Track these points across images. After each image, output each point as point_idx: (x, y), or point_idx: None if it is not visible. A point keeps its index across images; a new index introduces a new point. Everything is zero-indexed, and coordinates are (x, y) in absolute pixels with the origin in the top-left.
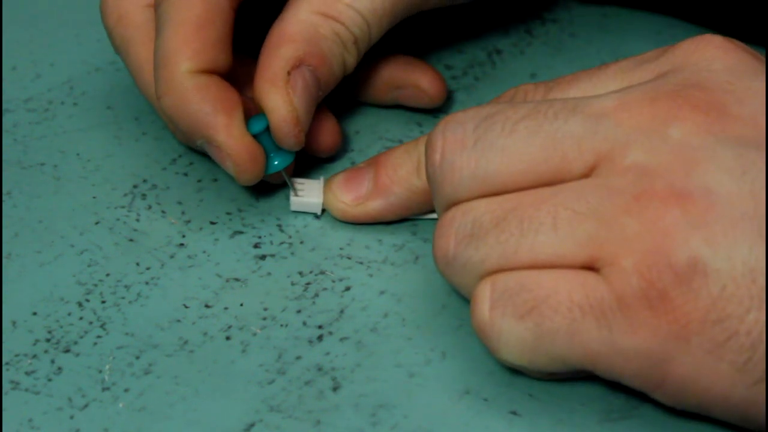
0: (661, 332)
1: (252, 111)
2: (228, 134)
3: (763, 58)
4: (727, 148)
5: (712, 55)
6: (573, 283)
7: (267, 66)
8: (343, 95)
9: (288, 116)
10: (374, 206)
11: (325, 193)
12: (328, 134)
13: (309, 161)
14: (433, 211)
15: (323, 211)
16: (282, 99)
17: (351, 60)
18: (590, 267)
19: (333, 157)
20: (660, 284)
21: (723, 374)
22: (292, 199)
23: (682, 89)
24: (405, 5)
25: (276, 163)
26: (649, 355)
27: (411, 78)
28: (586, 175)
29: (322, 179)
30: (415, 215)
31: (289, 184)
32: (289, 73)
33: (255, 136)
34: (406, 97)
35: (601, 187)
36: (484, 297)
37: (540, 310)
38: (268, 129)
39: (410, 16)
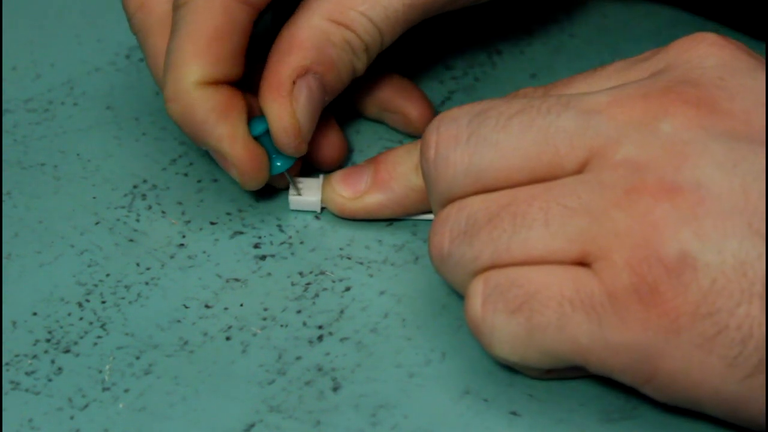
0: (650, 326)
1: (259, 113)
2: (232, 144)
3: (759, 56)
4: (718, 142)
5: (705, 52)
6: (564, 278)
7: (273, 73)
8: (343, 97)
9: (289, 126)
10: (372, 200)
11: (324, 188)
12: (332, 148)
13: (308, 160)
14: (430, 212)
15: (323, 209)
16: (284, 109)
17: (360, 66)
18: (582, 262)
19: None
20: (650, 278)
21: (713, 369)
22: (291, 197)
23: (674, 85)
24: (419, 12)
25: (279, 164)
26: (639, 349)
27: (400, 105)
28: (579, 171)
29: (321, 177)
30: (412, 215)
31: (291, 182)
32: (294, 82)
33: (257, 138)
34: (392, 121)
35: (593, 183)
36: (477, 293)
37: (530, 304)
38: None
39: None
